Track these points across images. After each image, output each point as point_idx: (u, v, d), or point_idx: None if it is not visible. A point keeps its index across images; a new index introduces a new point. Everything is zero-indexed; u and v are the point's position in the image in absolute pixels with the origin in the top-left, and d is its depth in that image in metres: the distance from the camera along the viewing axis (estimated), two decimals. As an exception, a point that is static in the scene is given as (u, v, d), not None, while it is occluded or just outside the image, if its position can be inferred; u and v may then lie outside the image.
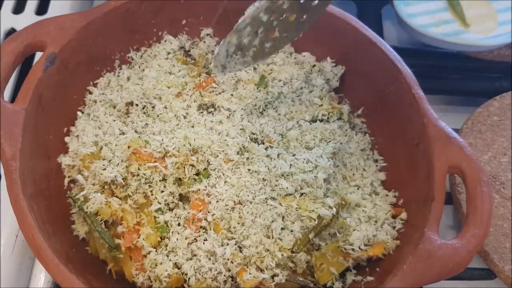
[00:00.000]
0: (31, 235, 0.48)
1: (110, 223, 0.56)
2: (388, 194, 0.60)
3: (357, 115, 0.68)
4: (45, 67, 0.58)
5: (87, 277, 0.50)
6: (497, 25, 0.81)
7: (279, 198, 0.55)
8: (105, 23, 0.64)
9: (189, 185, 0.56)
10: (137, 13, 0.66)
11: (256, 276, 0.51)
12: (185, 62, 0.69)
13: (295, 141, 0.60)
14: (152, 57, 0.69)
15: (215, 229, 0.53)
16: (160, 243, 0.54)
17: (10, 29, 0.80)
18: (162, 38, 0.70)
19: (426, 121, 0.56)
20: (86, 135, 0.60)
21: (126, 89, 0.65)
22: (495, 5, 0.83)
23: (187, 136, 0.58)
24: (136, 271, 0.54)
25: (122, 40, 0.68)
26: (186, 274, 0.52)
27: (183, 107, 0.63)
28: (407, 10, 0.81)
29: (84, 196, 0.57)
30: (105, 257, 0.55)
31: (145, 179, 0.56)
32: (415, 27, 0.79)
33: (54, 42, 0.59)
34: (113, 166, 0.56)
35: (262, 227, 0.53)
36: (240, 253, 0.52)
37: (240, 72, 0.67)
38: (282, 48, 0.60)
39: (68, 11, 0.81)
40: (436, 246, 0.49)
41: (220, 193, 0.54)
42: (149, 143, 0.57)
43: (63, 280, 0.47)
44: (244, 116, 0.62)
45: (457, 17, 0.82)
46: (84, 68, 0.64)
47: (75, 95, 0.65)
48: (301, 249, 0.53)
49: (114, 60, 0.68)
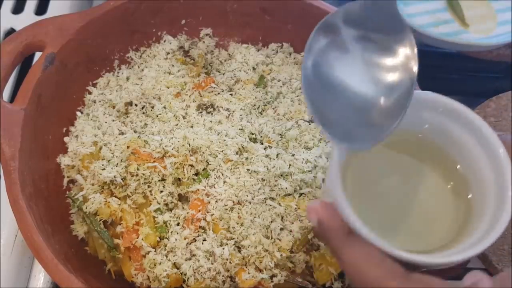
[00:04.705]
0: (30, 235, 0.48)
1: (109, 223, 0.56)
2: (387, 194, 0.60)
3: (356, 115, 0.68)
4: (44, 67, 0.58)
5: (86, 277, 0.50)
6: (497, 25, 0.81)
7: (278, 198, 0.55)
8: (105, 23, 0.64)
9: (188, 185, 0.56)
10: (137, 13, 0.66)
11: (254, 276, 0.51)
12: (185, 62, 0.69)
13: (294, 141, 0.60)
14: (151, 57, 0.69)
15: (214, 229, 0.53)
16: (159, 243, 0.54)
17: (10, 29, 0.80)
18: (161, 38, 0.71)
19: (425, 121, 0.56)
20: (85, 135, 0.60)
21: (125, 89, 0.65)
22: (494, 5, 0.83)
23: (186, 136, 0.58)
24: (135, 271, 0.54)
25: (121, 40, 0.68)
26: (185, 274, 0.52)
27: (182, 107, 0.63)
28: (406, 10, 0.81)
29: (83, 196, 0.57)
30: (104, 257, 0.55)
31: (144, 179, 0.56)
32: (414, 27, 0.79)
33: (53, 42, 0.59)
34: (112, 166, 0.56)
35: (261, 227, 0.53)
36: (238, 253, 0.52)
37: (239, 72, 0.67)
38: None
39: (67, 11, 0.81)
40: (435, 246, 0.49)
41: (219, 193, 0.54)
42: (148, 143, 0.57)
43: (62, 280, 0.47)
44: (243, 116, 0.62)
45: (457, 17, 0.82)
46: (83, 68, 0.64)
47: (74, 95, 0.65)
48: (300, 249, 0.53)
49: (114, 60, 0.68)
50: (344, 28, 0.41)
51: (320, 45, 0.41)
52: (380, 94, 0.39)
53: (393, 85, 0.40)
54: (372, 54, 0.41)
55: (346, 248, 0.35)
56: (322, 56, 0.40)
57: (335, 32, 0.41)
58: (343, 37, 0.41)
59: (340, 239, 0.35)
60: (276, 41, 0.72)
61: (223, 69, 0.69)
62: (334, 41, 0.41)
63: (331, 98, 0.39)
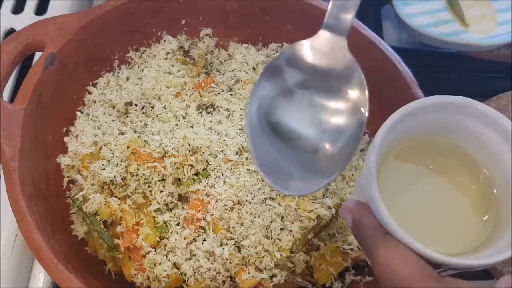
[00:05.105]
0: (30, 235, 0.48)
1: (109, 223, 0.56)
2: (387, 194, 0.60)
3: (356, 115, 0.68)
4: (44, 67, 0.58)
5: (86, 277, 0.50)
6: (497, 25, 0.81)
7: (278, 198, 0.55)
8: (105, 23, 0.64)
9: (188, 185, 0.56)
10: (137, 13, 0.66)
11: (254, 276, 0.51)
12: (184, 62, 0.69)
13: (294, 141, 0.60)
14: (151, 57, 0.69)
15: (214, 229, 0.53)
16: (159, 243, 0.54)
17: (10, 29, 0.80)
18: (161, 38, 0.71)
19: (425, 121, 0.56)
20: (85, 135, 0.60)
21: (125, 89, 0.65)
22: (494, 5, 0.83)
23: (186, 136, 0.58)
24: (135, 271, 0.54)
25: (121, 40, 0.68)
26: (185, 274, 0.52)
27: (182, 107, 0.63)
28: (406, 10, 0.81)
29: (83, 196, 0.57)
30: (104, 257, 0.55)
31: (144, 179, 0.56)
32: (414, 27, 0.79)
33: (53, 42, 0.59)
34: (112, 166, 0.56)
35: (261, 227, 0.53)
36: (238, 253, 0.52)
37: (239, 72, 0.67)
38: None
39: (67, 11, 0.81)
40: (435, 246, 0.49)
41: (219, 193, 0.54)
42: (148, 143, 0.57)
43: (62, 280, 0.47)
44: (243, 116, 0.62)
45: (457, 17, 0.82)
46: (83, 68, 0.64)
47: (74, 95, 0.65)
48: (300, 249, 0.53)
49: (114, 60, 0.68)
50: (290, 71, 0.40)
51: (265, 89, 0.40)
52: (325, 140, 0.38)
53: (339, 130, 0.39)
54: (319, 98, 0.40)
55: (380, 247, 0.35)
56: (266, 101, 0.39)
57: (281, 76, 0.40)
58: (289, 80, 0.40)
59: (374, 239, 0.35)
60: (276, 41, 0.72)
61: (223, 69, 0.69)
62: (280, 85, 0.40)
63: (274, 144, 0.39)
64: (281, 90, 0.40)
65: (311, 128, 0.39)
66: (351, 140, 0.38)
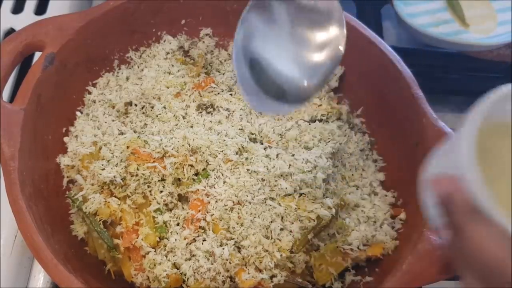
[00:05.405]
0: (30, 235, 0.48)
1: (109, 223, 0.56)
2: (387, 194, 0.60)
3: (356, 115, 0.68)
4: (44, 67, 0.57)
5: (85, 277, 0.50)
6: (497, 25, 0.81)
7: (278, 198, 0.55)
8: (104, 23, 0.64)
9: (188, 185, 0.56)
10: (136, 13, 0.66)
11: (254, 277, 0.51)
12: (184, 62, 0.69)
13: (294, 141, 0.60)
14: (151, 57, 0.69)
15: (214, 230, 0.53)
16: (159, 243, 0.54)
17: (9, 29, 0.80)
18: (161, 38, 0.70)
19: (425, 121, 0.56)
20: (85, 135, 0.60)
21: (125, 89, 0.65)
22: (494, 5, 0.83)
23: (186, 136, 0.58)
24: (135, 271, 0.54)
25: (121, 40, 0.68)
26: (184, 274, 0.52)
27: (182, 107, 0.63)
28: (406, 10, 0.81)
29: (83, 196, 0.57)
30: (104, 257, 0.55)
31: (144, 179, 0.55)
32: (414, 27, 0.79)
33: (53, 42, 0.59)
34: (112, 166, 0.56)
35: (261, 227, 0.53)
36: (238, 254, 0.52)
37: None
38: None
39: (67, 11, 0.81)
40: (435, 246, 0.49)
41: (219, 193, 0.54)
42: (148, 143, 0.57)
43: (61, 280, 0.47)
44: (243, 116, 0.62)
45: (457, 17, 0.82)
46: (83, 68, 0.64)
47: (74, 95, 0.65)
48: (300, 249, 0.53)
49: (113, 60, 0.68)
50: (276, 4, 0.44)
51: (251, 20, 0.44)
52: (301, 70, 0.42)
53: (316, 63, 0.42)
54: (301, 31, 0.43)
55: (470, 224, 0.34)
56: (251, 30, 0.44)
57: (267, 9, 0.44)
58: (274, 13, 0.44)
59: (465, 214, 0.35)
60: (276, 41, 0.72)
61: (223, 69, 0.69)
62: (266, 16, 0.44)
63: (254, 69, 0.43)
64: (265, 21, 0.44)
65: (289, 58, 0.43)
66: (325, 74, 0.42)
